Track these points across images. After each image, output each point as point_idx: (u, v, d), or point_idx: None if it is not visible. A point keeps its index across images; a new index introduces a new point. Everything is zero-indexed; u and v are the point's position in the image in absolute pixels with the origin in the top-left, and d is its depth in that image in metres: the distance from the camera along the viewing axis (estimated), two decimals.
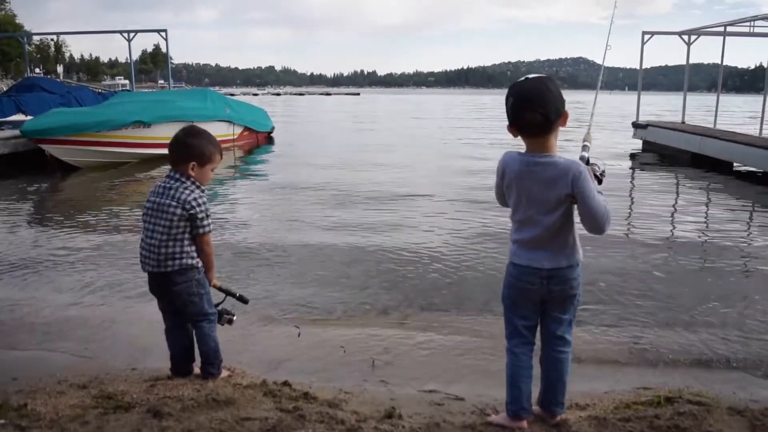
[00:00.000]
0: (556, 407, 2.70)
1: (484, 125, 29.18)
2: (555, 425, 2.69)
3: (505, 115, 2.50)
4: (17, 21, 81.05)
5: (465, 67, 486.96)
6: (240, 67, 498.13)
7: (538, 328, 2.67)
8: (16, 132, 13.04)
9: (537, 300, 2.59)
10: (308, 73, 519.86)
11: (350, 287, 5.36)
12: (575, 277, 2.55)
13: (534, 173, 2.46)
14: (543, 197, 2.46)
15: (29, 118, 14.23)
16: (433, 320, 4.58)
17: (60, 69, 76.27)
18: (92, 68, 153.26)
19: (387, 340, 4.19)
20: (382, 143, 20.15)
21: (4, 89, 24.14)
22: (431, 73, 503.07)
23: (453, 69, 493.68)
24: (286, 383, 3.23)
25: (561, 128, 2.46)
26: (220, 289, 3.28)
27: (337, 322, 4.57)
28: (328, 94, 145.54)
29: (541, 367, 2.68)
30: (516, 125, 2.45)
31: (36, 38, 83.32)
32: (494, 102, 64.35)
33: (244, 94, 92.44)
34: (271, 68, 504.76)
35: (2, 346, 4.02)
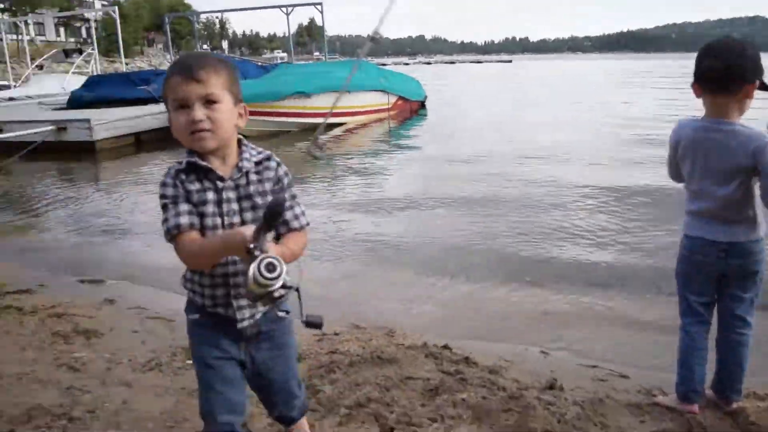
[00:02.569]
0: (732, 393, 2.54)
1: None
2: (730, 413, 2.54)
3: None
4: (186, 1, 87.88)
5: (625, 30, 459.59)
6: (391, 38, 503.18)
7: (716, 308, 2.53)
8: None
9: (713, 275, 2.45)
10: (459, 42, 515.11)
11: (506, 255, 5.32)
12: (757, 251, 2.38)
13: (710, 140, 2.34)
14: (719, 167, 2.33)
15: None
16: (595, 294, 4.43)
17: (225, 44, 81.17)
18: (253, 43, 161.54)
19: (547, 311, 4.15)
20: (541, 114, 19.58)
21: None
22: (587, 38, 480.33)
23: (612, 33, 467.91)
24: (446, 346, 3.30)
25: (747, 100, 2.31)
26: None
27: (496, 289, 4.58)
28: (478, 62, 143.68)
29: (717, 350, 2.53)
30: (698, 77, 2.35)
31: (203, 17, 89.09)
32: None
33: (395, 63, 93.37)
34: (421, 37, 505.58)
35: None
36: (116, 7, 28.51)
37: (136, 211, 7.43)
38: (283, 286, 1.45)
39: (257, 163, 1.72)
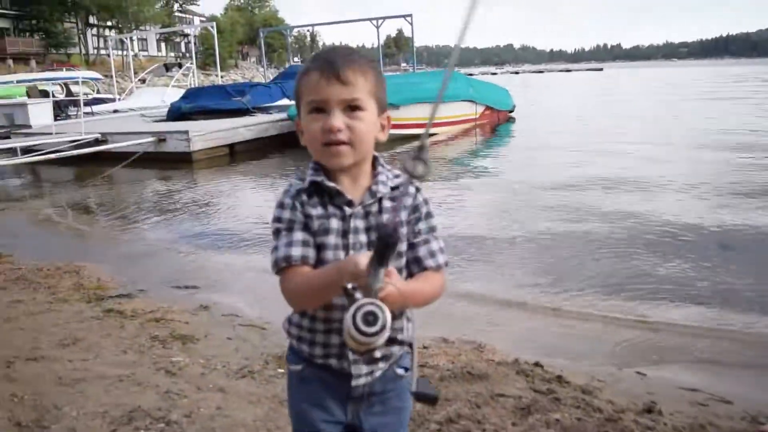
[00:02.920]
0: None
1: None
2: None
3: None
4: (278, 16, 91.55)
5: (724, 35, 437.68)
6: (478, 47, 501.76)
7: None
8: (284, 115, 14.56)
9: None
10: (547, 50, 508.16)
11: (600, 272, 5.14)
12: None
13: None
14: None
15: (293, 102, 15.76)
16: (694, 315, 4.21)
17: None
18: None
19: (641, 330, 3.98)
20: (632, 128, 18.86)
21: (271, 77, 26.92)
22: (684, 44, 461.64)
23: (709, 38, 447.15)
24: (537, 364, 3.22)
25: None
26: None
27: (587, 308, 4.42)
28: (568, 70, 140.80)
29: None
30: None
31: (294, 30, 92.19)
32: None
33: (483, 73, 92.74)
34: (509, 46, 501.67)
35: None
36: (214, 23, 29.75)
37: (230, 219, 7.68)
38: (391, 341, 1.14)
39: (393, 188, 1.40)
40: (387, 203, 1.39)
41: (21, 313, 4.19)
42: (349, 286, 1.14)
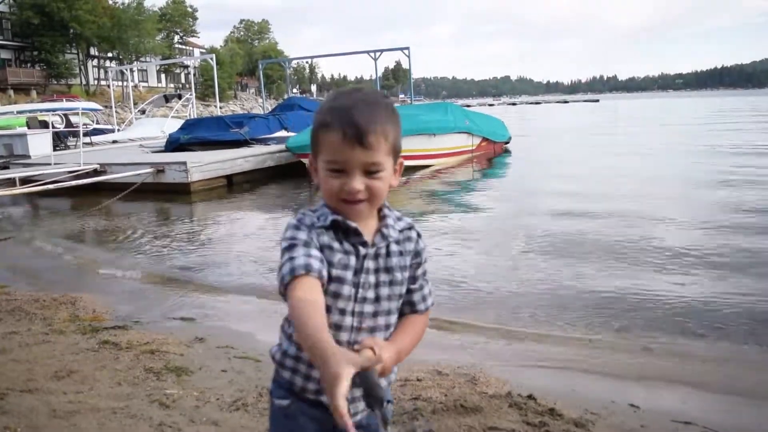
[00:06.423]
0: None
1: None
2: None
3: None
4: (278, 48, 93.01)
5: (719, 66, 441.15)
6: (476, 79, 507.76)
7: None
8: (282, 147, 14.66)
9: None
10: (544, 82, 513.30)
11: (595, 302, 5.16)
12: None
13: None
14: None
15: (291, 134, 15.89)
16: (688, 346, 4.23)
17: (313, 88, 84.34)
18: (340, 86, 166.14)
19: (636, 362, 3.99)
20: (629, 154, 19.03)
21: (269, 109, 27.15)
22: (679, 75, 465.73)
23: (704, 69, 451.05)
24: (531, 396, 3.22)
25: None
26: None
27: (581, 338, 4.44)
28: (565, 101, 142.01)
29: None
30: None
31: (293, 62, 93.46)
32: None
33: (480, 104, 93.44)
34: (506, 78, 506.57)
35: None
36: (214, 55, 30.07)
37: (227, 251, 7.70)
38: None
39: (399, 231, 1.45)
40: (395, 247, 1.43)
41: (16, 344, 4.19)
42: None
